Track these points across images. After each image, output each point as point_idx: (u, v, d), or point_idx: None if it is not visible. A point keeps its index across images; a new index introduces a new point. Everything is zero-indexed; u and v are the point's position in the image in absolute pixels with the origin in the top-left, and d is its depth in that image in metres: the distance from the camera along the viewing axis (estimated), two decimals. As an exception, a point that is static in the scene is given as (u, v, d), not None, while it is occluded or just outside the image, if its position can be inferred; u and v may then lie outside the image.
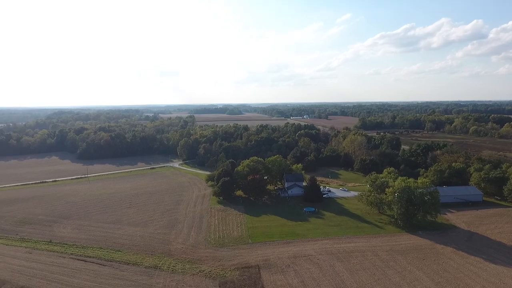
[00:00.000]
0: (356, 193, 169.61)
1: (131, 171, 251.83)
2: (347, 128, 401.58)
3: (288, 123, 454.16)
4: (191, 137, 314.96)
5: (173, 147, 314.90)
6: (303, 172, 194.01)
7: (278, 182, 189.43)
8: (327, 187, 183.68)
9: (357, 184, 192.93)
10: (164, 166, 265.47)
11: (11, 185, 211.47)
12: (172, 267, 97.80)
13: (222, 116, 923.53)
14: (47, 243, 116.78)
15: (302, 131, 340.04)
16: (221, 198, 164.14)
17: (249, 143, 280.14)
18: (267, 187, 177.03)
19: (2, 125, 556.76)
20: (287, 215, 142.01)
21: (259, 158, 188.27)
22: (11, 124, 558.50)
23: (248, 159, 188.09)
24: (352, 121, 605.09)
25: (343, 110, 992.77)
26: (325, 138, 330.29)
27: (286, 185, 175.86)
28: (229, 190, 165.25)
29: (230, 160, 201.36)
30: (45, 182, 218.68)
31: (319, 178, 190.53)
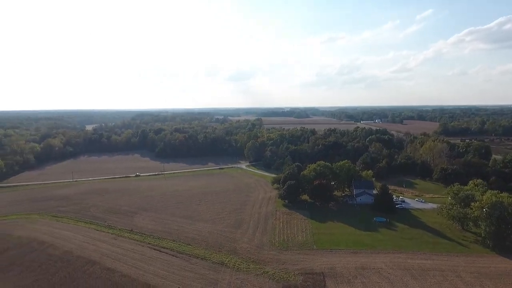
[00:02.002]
0: (434, 205, 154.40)
1: (201, 170, 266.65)
2: (425, 134, 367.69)
3: (358, 127, 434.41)
4: (258, 140, 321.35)
5: (241, 149, 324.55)
6: (373, 179, 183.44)
7: (346, 189, 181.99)
8: (400, 197, 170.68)
9: (436, 196, 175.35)
10: (232, 167, 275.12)
11: (102, 177, 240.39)
12: (237, 266, 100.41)
13: (289, 120, 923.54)
14: (129, 231, 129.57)
15: (373, 136, 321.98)
16: (286, 201, 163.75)
17: (316, 147, 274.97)
18: (334, 193, 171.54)
19: (96, 125, 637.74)
20: (355, 223, 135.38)
21: (326, 163, 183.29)
22: (103, 125, 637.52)
23: (315, 163, 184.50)
24: (431, 126, 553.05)
25: (420, 114, 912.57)
26: (399, 144, 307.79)
27: (354, 192, 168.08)
28: (295, 194, 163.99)
29: (296, 164, 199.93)
30: (129, 177, 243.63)
31: (391, 187, 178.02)
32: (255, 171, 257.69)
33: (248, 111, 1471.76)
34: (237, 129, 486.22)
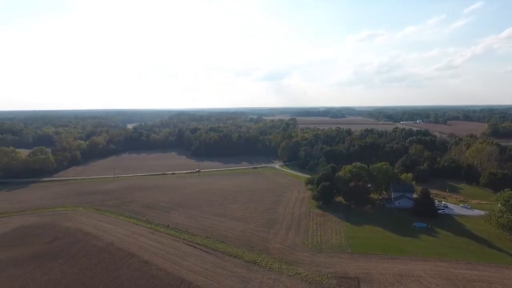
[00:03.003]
0: (482, 212, 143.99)
1: (235, 169, 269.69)
2: (471, 136, 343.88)
3: (397, 127, 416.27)
4: (292, 140, 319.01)
5: (275, 149, 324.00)
6: (413, 182, 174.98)
7: (383, 192, 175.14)
8: (443, 202, 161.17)
9: (483, 202, 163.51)
10: (266, 167, 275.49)
11: (141, 174, 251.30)
12: (270, 265, 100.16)
13: (324, 119, 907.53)
14: (165, 226, 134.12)
15: (414, 137, 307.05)
16: (320, 202, 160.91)
17: (351, 147, 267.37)
18: (371, 195, 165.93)
19: (136, 124, 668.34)
20: (393, 228, 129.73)
21: (363, 164, 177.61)
22: (142, 123, 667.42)
23: (350, 164, 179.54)
24: (479, 127, 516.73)
25: (466, 114, 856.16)
26: (442, 146, 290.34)
27: (392, 195, 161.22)
28: (329, 195, 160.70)
29: (331, 164, 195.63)
30: (166, 174, 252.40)
31: (433, 191, 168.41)
32: (289, 171, 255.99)
33: (282, 111, 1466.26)
34: (271, 128, 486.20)
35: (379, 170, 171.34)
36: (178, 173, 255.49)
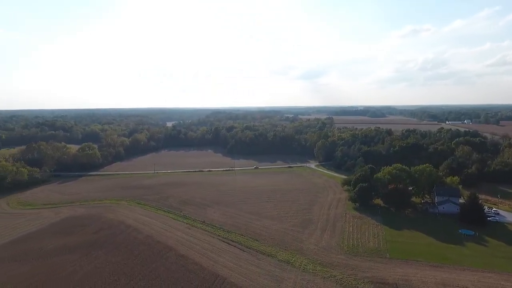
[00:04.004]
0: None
1: (270, 168, 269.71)
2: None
3: (442, 128, 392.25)
4: (328, 139, 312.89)
5: (310, 148, 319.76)
6: (460, 187, 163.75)
7: (426, 195, 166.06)
8: (493, 209, 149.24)
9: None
10: (301, 166, 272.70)
11: (179, 171, 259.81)
12: (304, 266, 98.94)
13: (362, 119, 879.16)
14: (201, 222, 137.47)
15: (461, 138, 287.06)
16: (357, 204, 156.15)
17: (392, 148, 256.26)
18: (412, 199, 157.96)
19: (175, 122, 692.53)
20: (436, 234, 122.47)
21: (404, 166, 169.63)
22: (181, 122, 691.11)
23: (390, 165, 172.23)
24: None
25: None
26: (493, 148, 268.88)
27: (436, 200, 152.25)
28: (367, 197, 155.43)
29: (369, 166, 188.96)
30: (202, 171, 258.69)
31: (482, 196, 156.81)
32: (325, 171, 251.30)
33: (319, 110, 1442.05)
34: (307, 128, 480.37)
35: (422, 172, 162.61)
36: (215, 170, 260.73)
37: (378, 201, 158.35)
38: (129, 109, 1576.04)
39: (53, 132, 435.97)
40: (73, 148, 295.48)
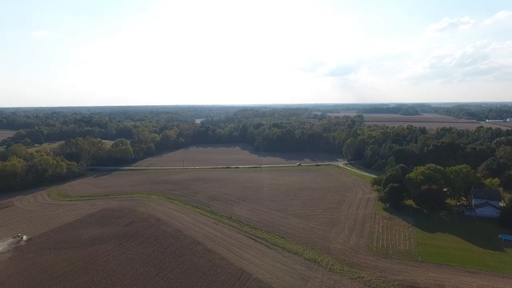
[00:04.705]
0: None
1: (297, 165, 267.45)
2: None
3: (481, 127, 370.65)
4: (358, 137, 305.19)
5: (339, 146, 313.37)
6: (500, 189, 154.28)
7: (462, 198, 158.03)
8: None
9: None
10: (329, 164, 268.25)
11: (207, 167, 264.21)
12: (331, 266, 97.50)
13: (394, 116, 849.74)
14: (228, 218, 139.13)
15: (503, 137, 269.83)
16: (387, 205, 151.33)
17: (425, 148, 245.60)
18: (447, 201, 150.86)
19: (204, 119, 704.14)
20: (473, 238, 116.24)
21: (438, 166, 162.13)
22: (209, 119, 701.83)
23: (423, 165, 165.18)
24: None
25: None
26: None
27: (473, 202, 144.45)
28: (398, 198, 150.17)
29: (401, 165, 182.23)
30: (230, 167, 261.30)
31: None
32: (353, 170, 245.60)
33: (348, 107, 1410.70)
34: (335, 125, 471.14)
35: (458, 173, 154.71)
36: (242, 167, 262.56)
37: (410, 202, 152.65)
38: (160, 106, 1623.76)
39: (90, 128, 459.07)
40: (108, 143, 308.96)
